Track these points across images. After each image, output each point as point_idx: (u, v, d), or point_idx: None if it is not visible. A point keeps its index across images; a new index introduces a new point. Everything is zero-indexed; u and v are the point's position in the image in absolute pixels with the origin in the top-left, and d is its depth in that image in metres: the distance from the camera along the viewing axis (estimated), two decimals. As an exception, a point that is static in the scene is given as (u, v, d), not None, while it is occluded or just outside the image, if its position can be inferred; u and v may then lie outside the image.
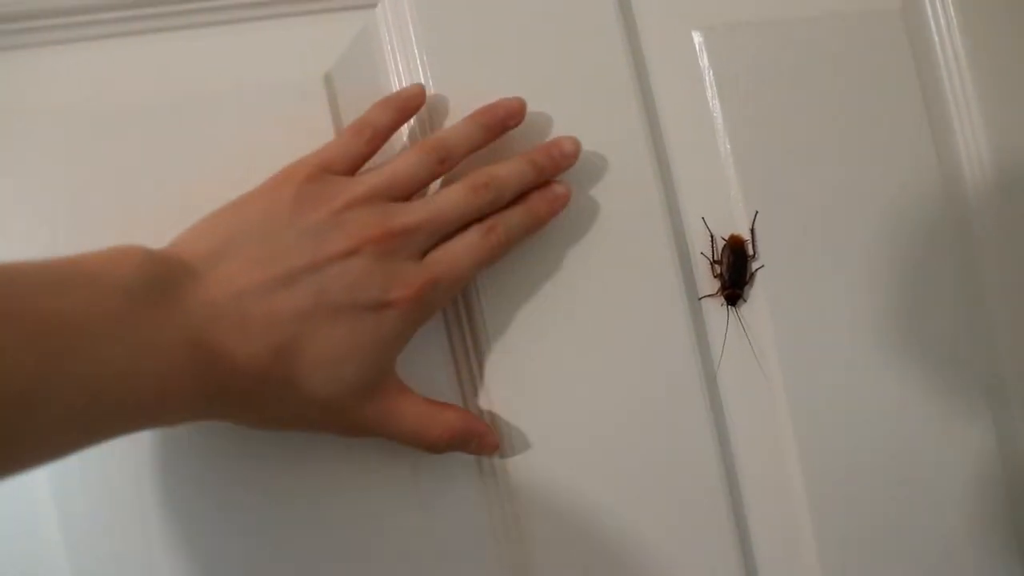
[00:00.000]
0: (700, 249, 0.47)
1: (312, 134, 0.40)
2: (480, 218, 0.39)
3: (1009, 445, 0.50)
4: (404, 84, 0.42)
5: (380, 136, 0.39)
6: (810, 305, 0.47)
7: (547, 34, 0.44)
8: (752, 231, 0.47)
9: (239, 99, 0.39)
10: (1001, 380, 0.51)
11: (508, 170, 0.39)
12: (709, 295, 0.47)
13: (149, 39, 0.38)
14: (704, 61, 0.47)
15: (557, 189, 0.41)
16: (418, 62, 0.42)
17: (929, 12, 0.51)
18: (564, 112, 0.43)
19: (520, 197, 0.40)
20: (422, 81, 0.42)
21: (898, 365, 0.48)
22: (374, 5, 0.42)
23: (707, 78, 0.47)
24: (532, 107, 0.43)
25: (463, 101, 0.42)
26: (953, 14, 0.51)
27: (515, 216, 0.40)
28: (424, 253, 0.37)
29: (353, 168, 0.38)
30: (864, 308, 0.48)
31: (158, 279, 0.31)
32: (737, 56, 0.47)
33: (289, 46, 0.40)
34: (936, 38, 0.51)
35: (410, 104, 0.40)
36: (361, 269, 0.34)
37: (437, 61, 0.42)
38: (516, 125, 0.41)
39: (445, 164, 0.38)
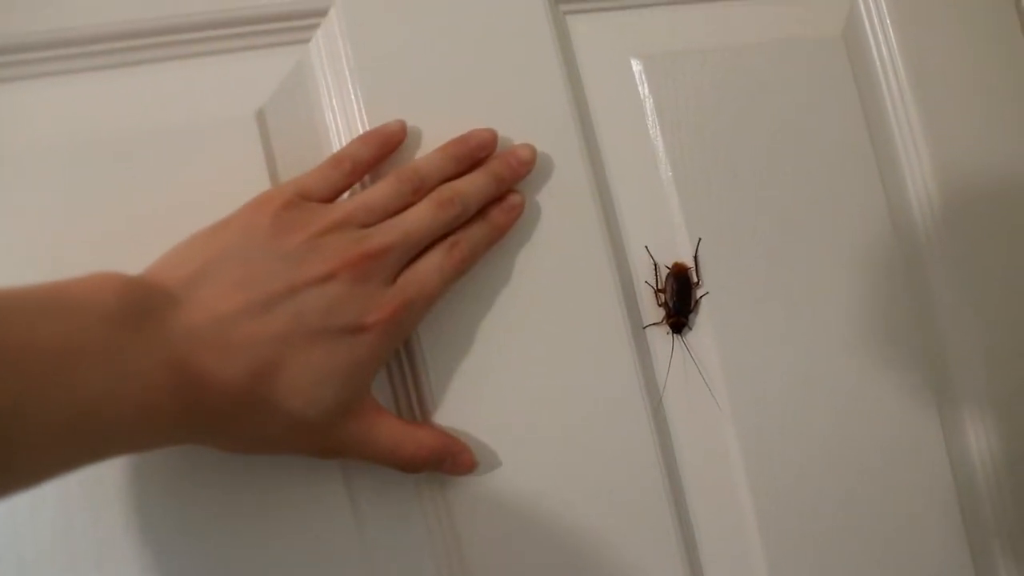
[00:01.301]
0: (644, 278, 0.47)
1: (244, 171, 0.40)
2: (445, 234, 0.39)
3: (958, 455, 0.50)
4: (339, 119, 0.42)
5: (359, 170, 0.40)
6: (755, 331, 0.47)
7: (484, 66, 0.44)
8: (696, 258, 0.47)
9: (169, 137, 0.39)
10: (952, 397, 0.51)
11: (472, 184, 0.40)
12: (654, 324, 0.46)
13: (76, 79, 0.38)
14: (644, 90, 0.47)
15: (513, 199, 0.43)
16: (352, 97, 0.42)
17: (870, 37, 0.52)
18: (503, 143, 0.43)
19: (479, 211, 0.41)
20: (356, 114, 0.42)
21: (844, 387, 0.48)
22: (307, 40, 0.42)
23: (647, 106, 0.47)
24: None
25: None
26: (894, 39, 0.52)
27: (477, 230, 0.41)
28: (396, 274, 0.38)
29: (330, 198, 0.39)
30: (809, 332, 0.48)
31: (137, 305, 0.31)
32: (677, 84, 0.47)
33: (220, 83, 0.40)
34: (878, 63, 0.52)
35: (392, 140, 0.41)
36: (337, 294, 0.35)
37: (372, 96, 0.42)
38: (487, 156, 0.42)
39: (418, 194, 0.39)
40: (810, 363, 0.48)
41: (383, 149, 0.41)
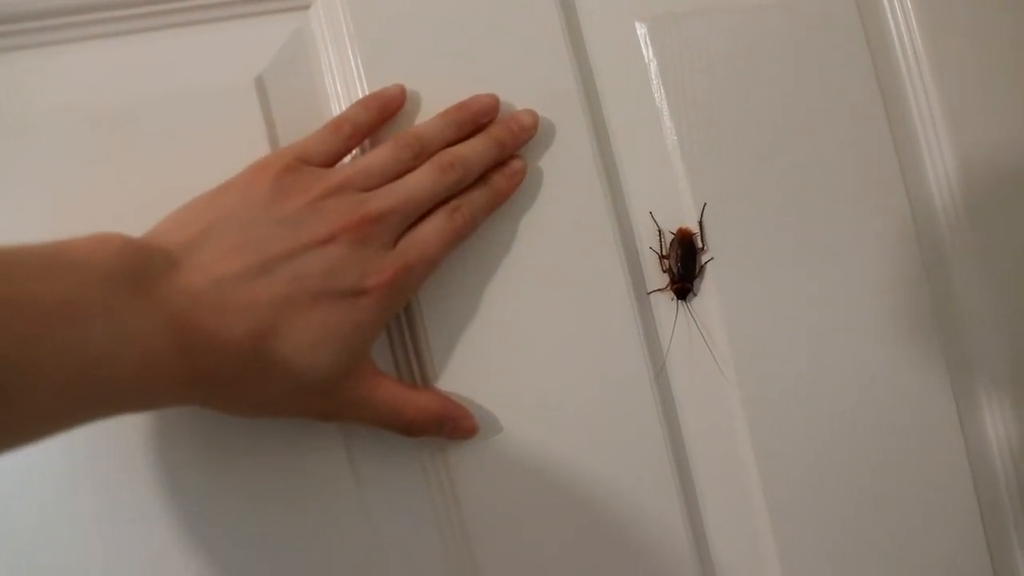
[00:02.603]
0: (649, 244, 0.46)
1: (244, 137, 0.40)
2: (446, 199, 0.39)
3: (972, 428, 0.50)
4: (339, 85, 0.42)
5: (359, 134, 0.40)
6: (761, 297, 0.47)
7: (485, 31, 0.44)
8: (700, 224, 0.46)
9: (168, 105, 0.39)
10: (967, 364, 0.50)
11: (473, 149, 0.40)
12: (658, 289, 0.46)
13: (73, 47, 0.38)
14: (648, 53, 0.46)
15: (515, 164, 0.42)
16: (352, 63, 0.42)
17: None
18: (505, 109, 0.43)
19: (480, 176, 0.41)
20: (356, 81, 0.42)
21: (853, 354, 0.47)
22: (308, 7, 0.42)
23: (652, 70, 0.46)
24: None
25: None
26: (909, 2, 0.50)
27: (478, 195, 0.41)
28: (397, 238, 0.38)
29: (330, 162, 0.39)
30: (817, 300, 0.47)
31: (138, 266, 0.31)
32: (682, 47, 0.46)
33: (219, 51, 0.40)
34: (892, 24, 0.51)
35: (391, 104, 0.41)
36: (337, 257, 0.35)
37: (372, 62, 0.42)
38: (489, 122, 0.42)
39: (419, 159, 0.39)
40: (818, 331, 0.47)
41: (383, 113, 0.41)
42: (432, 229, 0.39)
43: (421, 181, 0.38)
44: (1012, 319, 0.51)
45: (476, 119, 0.42)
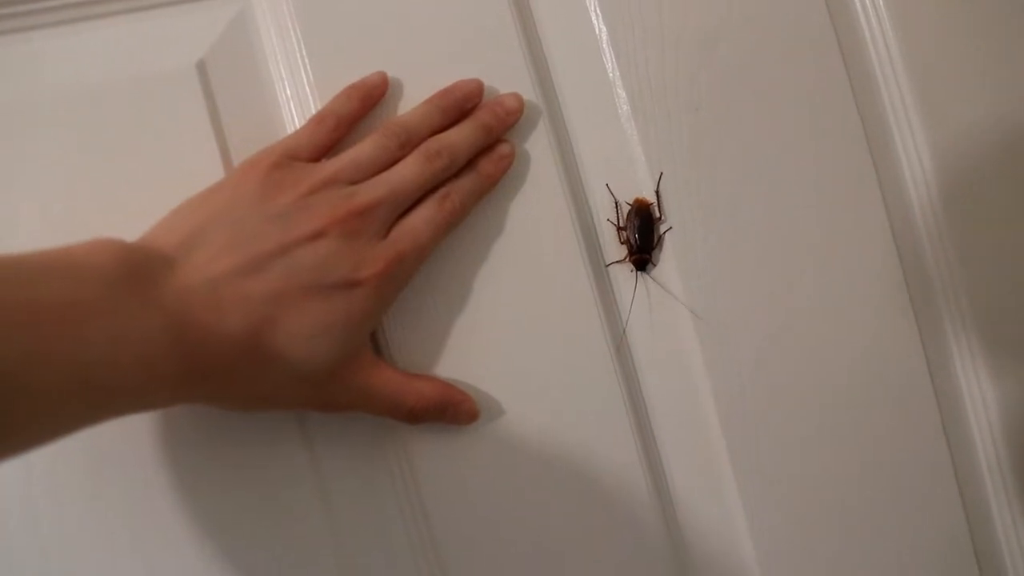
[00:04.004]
0: (606, 216, 0.46)
1: (186, 122, 0.40)
2: (435, 187, 0.40)
3: (943, 380, 0.49)
4: (283, 68, 0.42)
5: (344, 125, 0.40)
6: (722, 265, 0.46)
7: (431, 5, 0.43)
8: (657, 193, 0.46)
9: (108, 93, 0.40)
10: (937, 318, 0.49)
11: (459, 136, 0.41)
12: (617, 261, 0.46)
13: (15, 38, 0.39)
14: (599, 23, 0.46)
15: (503, 149, 0.43)
16: (295, 46, 0.42)
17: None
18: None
19: (468, 162, 0.41)
20: (300, 63, 0.42)
21: (815, 322, 0.46)
22: (249, -10, 0.42)
23: (603, 39, 0.46)
24: (420, 84, 0.42)
25: (345, 78, 0.42)
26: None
27: (467, 182, 0.41)
28: (388, 229, 0.38)
29: (317, 156, 0.39)
30: (778, 266, 0.46)
31: (135, 268, 0.32)
32: (634, 16, 0.46)
33: (159, 37, 0.41)
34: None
35: (374, 92, 0.41)
36: (329, 250, 0.36)
37: (315, 43, 0.42)
38: (474, 107, 0.42)
39: (405, 148, 0.39)
40: (778, 297, 0.46)
41: (365, 102, 0.41)
42: (422, 217, 0.39)
43: (408, 171, 0.39)
44: (983, 287, 0.49)
45: (461, 105, 0.42)
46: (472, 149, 0.41)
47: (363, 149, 0.39)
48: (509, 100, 0.43)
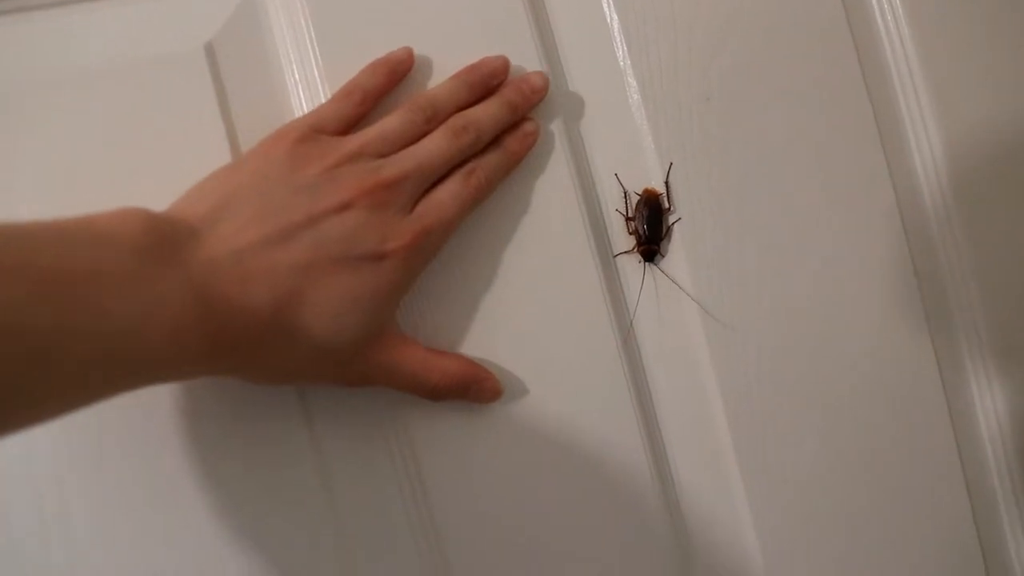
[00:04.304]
0: (615, 206, 0.45)
1: (194, 104, 0.40)
2: (461, 163, 0.40)
3: (953, 379, 0.48)
4: (291, 51, 0.42)
5: (370, 98, 0.40)
6: (730, 257, 0.45)
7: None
8: (667, 184, 0.45)
9: (117, 74, 0.39)
10: (950, 328, 0.48)
11: (485, 112, 0.41)
12: (625, 252, 0.45)
13: (22, 16, 0.39)
14: (610, 11, 0.45)
15: (527, 127, 0.42)
16: (304, 27, 0.42)
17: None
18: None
19: (494, 139, 0.41)
20: (308, 45, 0.42)
21: (825, 314, 0.46)
22: (257, -28, 0.42)
23: (614, 27, 0.45)
24: (431, 70, 0.42)
25: (354, 62, 0.41)
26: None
27: (493, 158, 0.41)
28: (414, 203, 0.38)
29: (344, 129, 0.39)
30: (787, 257, 0.46)
31: (163, 238, 0.32)
32: (645, 4, 0.45)
33: (167, 18, 0.40)
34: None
35: (400, 67, 0.41)
36: (356, 222, 0.35)
37: (325, 26, 0.42)
38: (500, 84, 0.42)
39: (432, 123, 0.39)
40: (787, 290, 0.46)
41: (391, 77, 0.41)
42: (448, 192, 0.39)
43: (435, 145, 0.39)
44: (996, 290, 0.49)
45: (487, 81, 0.42)
46: (498, 126, 0.41)
47: (390, 123, 0.39)
48: (535, 78, 0.43)
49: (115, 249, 0.30)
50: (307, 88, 0.42)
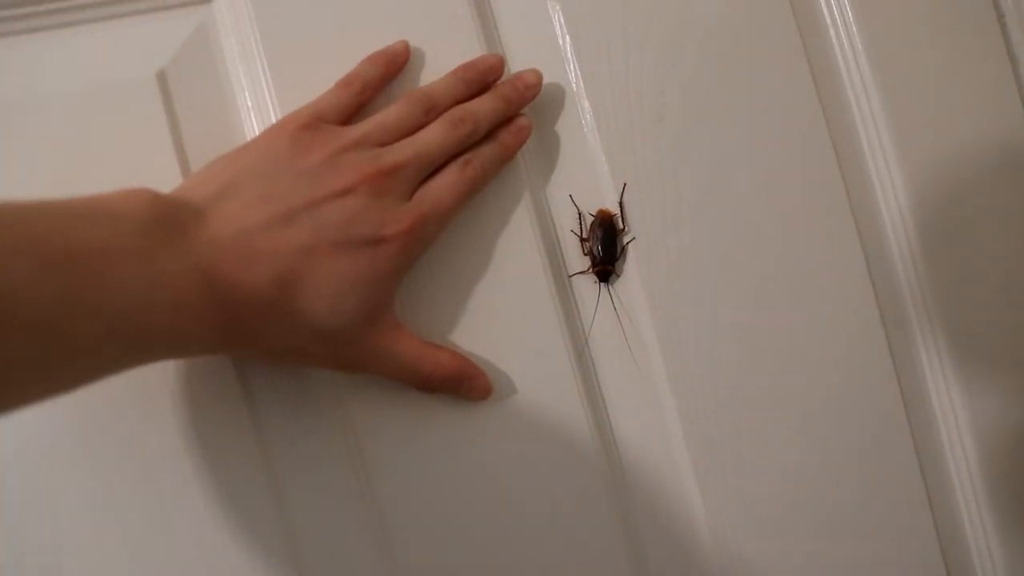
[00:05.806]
0: (570, 227, 0.46)
1: (146, 132, 0.41)
2: (457, 154, 0.41)
3: (912, 389, 0.48)
4: (243, 78, 0.42)
5: (370, 89, 0.41)
6: (685, 276, 0.46)
7: (394, 14, 0.44)
8: (621, 204, 0.46)
9: (69, 101, 0.40)
10: (906, 325, 0.49)
11: (482, 106, 0.42)
12: (580, 272, 0.46)
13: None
14: (563, 33, 0.46)
15: (521, 121, 0.44)
16: (256, 55, 0.42)
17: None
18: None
19: (489, 133, 0.42)
20: (261, 73, 0.42)
21: (779, 332, 0.46)
22: (210, 0, 0.42)
23: (567, 50, 0.46)
24: (384, 92, 0.43)
25: (307, 86, 0.41)
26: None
27: (488, 150, 0.42)
28: (412, 191, 0.39)
29: (344, 119, 0.40)
30: (742, 278, 0.46)
31: (169, 217, 0.33)
32: (597, 26, 0.46)
33: (120, 47, 0.41)
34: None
35: (397, 59, 0.43)
36: (356, 207, 0.37)
37: (276, 53, 0.42)
38: (495, 80, 0.43)
39: (430, 114, 0.41)
40: (743, 308, 0.46)
41: (390, 68, 0.42)
42: (446, 181, 0.40)
43: (433, 136, 0.40)
44: (953, 302, 0.49)
45: (484, 77, 0.43)
46: (493, 119, 0.42)
47: (390, 113, 0.40)
48: (529, 75, 0.44)
49: (122, 227, 0.31)
50: (259, 113, 0.42)
